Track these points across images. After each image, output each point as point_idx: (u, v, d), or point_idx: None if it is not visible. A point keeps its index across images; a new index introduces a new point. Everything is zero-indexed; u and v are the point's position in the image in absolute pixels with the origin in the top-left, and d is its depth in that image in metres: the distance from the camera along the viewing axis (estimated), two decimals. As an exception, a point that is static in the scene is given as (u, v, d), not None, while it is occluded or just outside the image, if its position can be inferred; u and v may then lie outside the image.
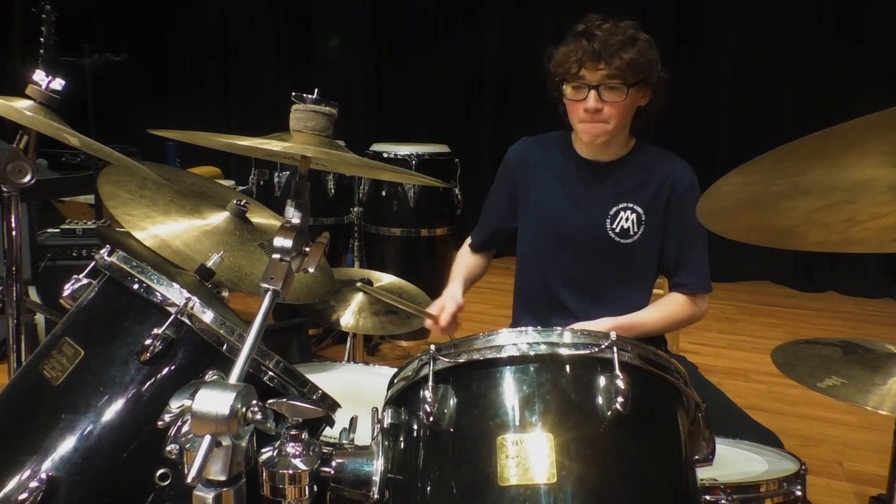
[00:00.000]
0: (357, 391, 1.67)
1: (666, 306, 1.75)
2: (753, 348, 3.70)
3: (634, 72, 1.61)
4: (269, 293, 0.92)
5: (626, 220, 1.72)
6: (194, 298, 1.04)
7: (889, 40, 4.62)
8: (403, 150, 3.14)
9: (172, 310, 1.03)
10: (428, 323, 1.76)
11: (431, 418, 0.92)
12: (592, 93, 1.63)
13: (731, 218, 0.93)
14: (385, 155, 3.15)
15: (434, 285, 3.21)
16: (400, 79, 6.05)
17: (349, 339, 2.34)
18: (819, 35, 4.83)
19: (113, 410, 1.01)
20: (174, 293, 1.05)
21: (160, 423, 0.82)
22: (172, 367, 1.03)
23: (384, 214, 3.18)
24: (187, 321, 1.03)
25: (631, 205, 1.72)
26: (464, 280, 1.91)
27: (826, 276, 4.95)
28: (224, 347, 1.03)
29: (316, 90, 0.98)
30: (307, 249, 0.96)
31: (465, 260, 1.99)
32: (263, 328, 0.90)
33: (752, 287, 5.06)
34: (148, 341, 1.01)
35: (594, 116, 1.65)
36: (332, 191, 3.19)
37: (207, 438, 0.76)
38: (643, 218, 1.72)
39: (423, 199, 3.13)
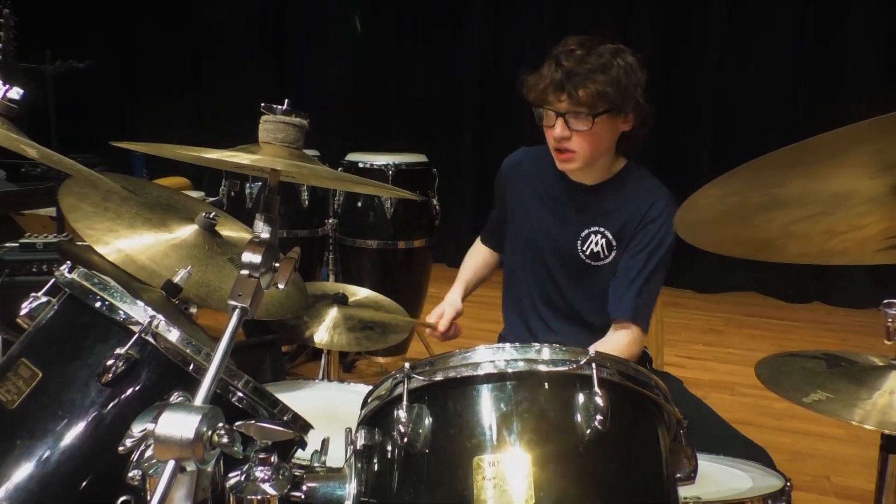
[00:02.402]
0: (331, 410, 1.66)
1: (614, 338, 1.71)
2: (740, 361, 3.74)
3: (603, 101, 1.61)
4: (237, 311, 0.91)
5: (596, 244, 1.75)
6: (159, 316, 1.03)
7: (873, 45, 4.72)
8: (380, 159, 3.14)
9: (136, 328, 1.02)
10: (428, 331, 1.83)
11: (406, 439, 0.92)
12: (559, 120, 1.65)
13: (710, 230, 0.95)
14: (361, 165, 3.16)
15: (412, 299, 3.25)
16: (377, 86, 6.06)
17: (324, 355, 2.33)
18: (803, 42, 4.92)
19: (72, 435, 0.99)
20: (138, 311, 1.04)
21: (121, 448, 0.81)
22: (135, 389, 1.02)
23: (360, 226, 3.18)
24: (152, 340, 1.02)
25: (601, 229, 1.76)
26: (466, 283, 1.99)
27: (813, 287, 5.01)
28: (190, 367, 1.02)
29: (286, 101, 0.98)
30: (277, 265, 0.95)
31: (472, 260, 2.06)
32: (231, 347, 0.89)
33: (738, 298, 5.12)
34: (110, 362, 0.99)
35: (563, 144, 1.67)
36: (306, 202, 3.19)
37: (171, 464, 0.76)
38: (613, 244, 1.75)
39: (401, 210, 3.13)
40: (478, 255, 2.07)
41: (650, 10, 5.22)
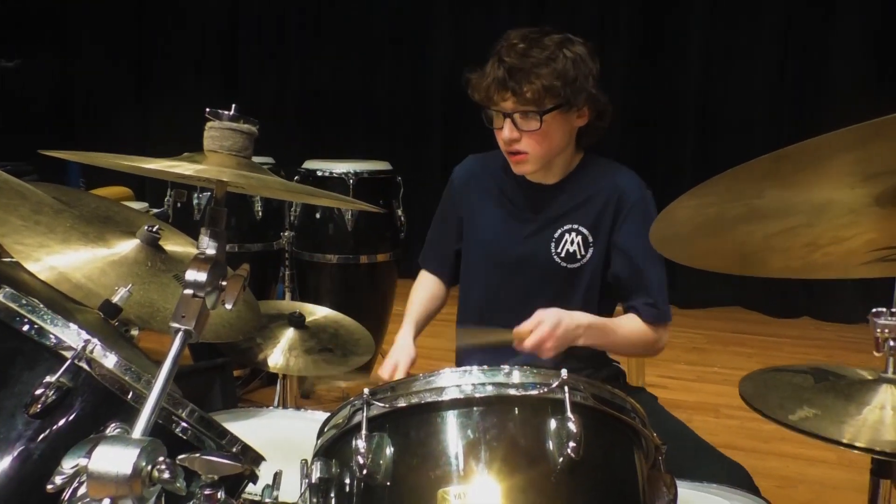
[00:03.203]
0: (287, 440, 1.64)
1: (635, 324, 1.73)
2: (725, 381, 3.79)
3: (551, 95, 1.61)
4: (180, 334, 0.90)
5: (572, 242, 1.74)
6: (95, 340, 1.01)
7: (860, 47, 4.86)
8: (340, 167, 3.13)
9: (68, 354, 1.00)
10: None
11: (365, 470, 0.92)
12: (507, 122, 1.65)
13: (687, 243, 0.97)
14: (319, 173, 3.14)
15: (376, 318, 3.24)
16: (339, 90, 6.06)
17: (279, 380, 2.31)
18: (789, 42, 5.04)
19: (-3, 472, 0.97)
20: (71, 335, 1.02)
21: (50, 486, 0.80)
22: (68, 421, 1.00)
23: (319, 239, 3.17)
24: (86, 367, 1.00)
25: (575, 225, 1.75)
26: (416, 322, 1.92)
27: (801, 301, 5.11)
28: (129, 396, 1.01)
29: (233, 106, 0.98)
30: (224, 283, 0.95)
31: (419, 294, 1.99)
32: (173, 373, 0.88)
33: (723, 314, 5.20)
34: (39, 391, 0.97)
35: (514, 146, 1.67)
36: (260, 213, 3.16)
37: (106, 502, 0.74)
38: (590, 240, 1.74)
39: (363, 221, 3.13)
40: (426, 289, 2.00)
41: (627, 11, 5.30)
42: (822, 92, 4.95)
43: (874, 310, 1.10)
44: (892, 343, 1.09)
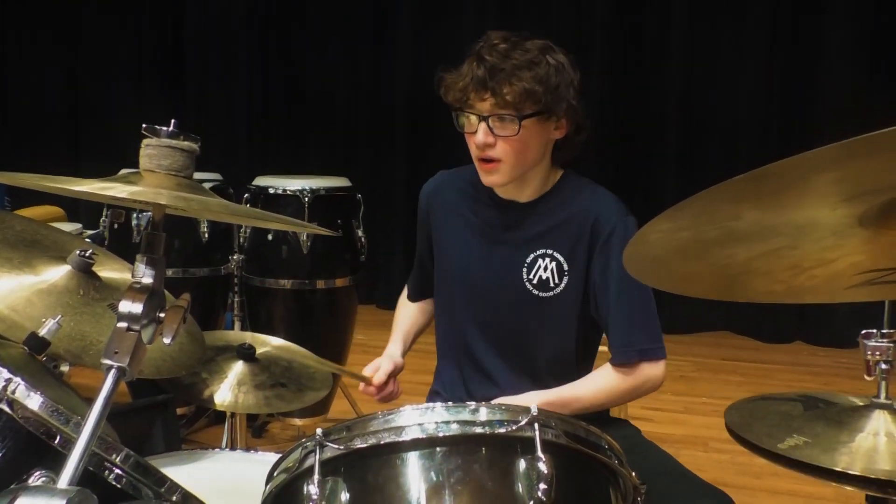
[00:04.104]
0: (235, 486, 1.62)
1: (602, 377, 1.75)
2: (714, 411, 3.82)
3: (531, 101, 1.63)
4: (113, 371, 0.90)
5: (545, 269, 1.74)
6: (17, 379, 1.00)
7: (851, 50, 4.99)
8: (294, 184, 3.13)
9: (-12, 395, 0.99)
10: (362, 387, 1.81)
11: (318, 519, 0.91)
12: (482, 125, 1.66)
13: (663, 268, 0.98)
14: (271, 191, 3.14)
15: (335, 349, 3.23)
16: (293, 100, 6.06)
17: (228, 419, 2.29)
18: (775, 49, 5.17)
19: None
20: (-10, 373, 1.01)
21: (-35, 544, 0.78)
22: (-13, 469, 0.98)
23: (271, 263, 3.15)
24: (6, 409, 0.99)
25: (549, 251, 1.75)
26: (404, 335, 1.97)
27: (793, 325, 5.19)
28: (56, 441, 1.00)
29: (172, 121, 0.98)
30: (162, 315, 0.94)
31: (404, 312, 2.05)
32: (105, 414, 0.88)
33: (711, 339, 5.26)
34: (-46, 437, 0.96)
35: (487, 152, 1.68)
36: (206, 234, 3.13)
37: (28, 561, 0.73)
38: (565, 268, 1.74)
39: (320, 243, 3.12)
40: (409, 306, 2.06)
41: (602, 11, 5.40)
42: (812, 99, 5.08)
43: (864, 331, 1.12)
44: (883, 366, 1.12)
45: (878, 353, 1.11)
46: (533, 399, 1.62)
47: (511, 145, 1.66)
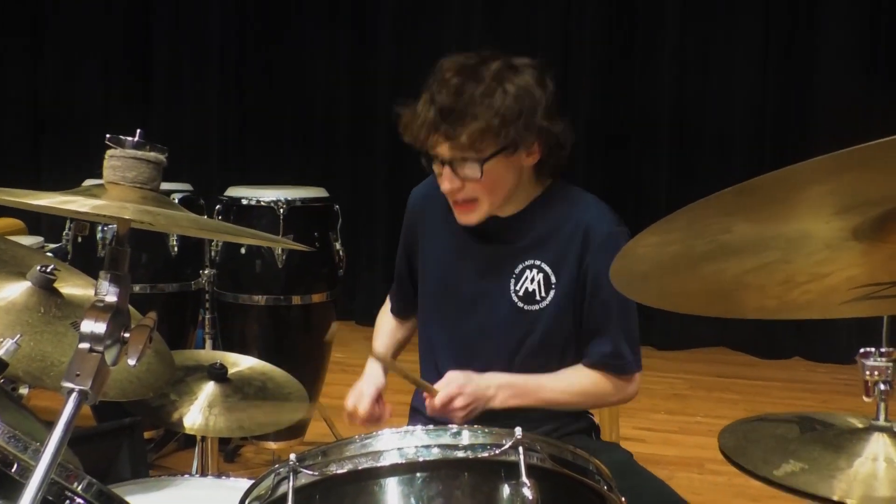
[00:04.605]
0: (205, 514, 1.62)
1: (574, 375, 1.77)
2: (709, 431, 3.83)
3: (492, 140, 1.59)
4: (74, 395, 0.89)
5: (532, 280, 1.74)
6: (-28, 404, 1.00)
7: (846, 54, 5.06)
8: (269, 194, 3.13)
9: (-60, 421, 0.98)
10: (346, 417, 1.80)
11: (291, 550, 0.91)
12: (446, 169, 1.65)
13: (651, 284, 0.99)
14: (245, 202, 3.13)
15: (312, 369, 3.21)
16: (267, 105, 6.05)
17: (198, 443, 2.28)
18: (770, 52, 5.23)
19: None
20: (-56, 398, 1.00)
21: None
22: (-61, 500, 0.97)
23: (244, 278, 3.14)
24: (-39, 435, 0.98)
25: (537, 262, 1.75)
26: (385, 348, 1.97)
27: (790, 341, 5.22)
28: (13, 469, 0.99)
29: (139, 131, 0.98)
30: (126, 335, 0.94)
31: (386, 320, 2.05)
32: (66, 441, 0.87)
33: (706, 355, 5.28)
34: None
35: (458, 195, 1.67)
36: (175, 248, 3.12)
37: None
38: (552, 281, 1.74)
39: (296, 257, 3.11)
40: (391, 318, 2.07)
41: (592, 11, 5.43)
42: (808, 102, 5.15)
43: (861, 350, 1.12)
44: (882, 386, 1.11)
45: (876, 372, 1.10)
46: (494, 377, 1.67)
47: (481, 185, 1.64)
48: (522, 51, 1.73)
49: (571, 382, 1.76)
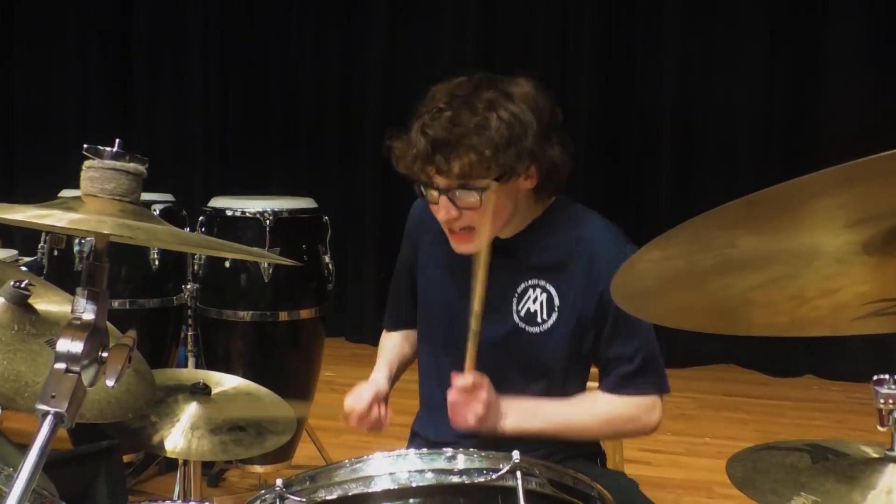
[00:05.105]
0: (186, 542, 1.62)
1: (587, 402, 1.78)
2: (718, 453, 3.82)
3: (485, 170, 1.61)
4: (49, 418, 0.89)
5: (535, 300, 1.75)
6: (-58, 427, 1.00)
7: (853, 57, 5.10)
8: (254, 205, 3.13)
9: None
10: (342, 419, 1.79)
11: (278, 580, 0.91)
12: (443, 199, 1.66)
13: (655, 300, 0.99)
14: (229, 213, 3.13)
15: (300, 387, 3.21)
16: (254, 114, 6.06)
17: (180, 467, 2.28)
18: (775, 58, 5.26)
19: None
20: (-87, 421, 1.00)
21: None
22: None
23: (229, 293, 3.14)
24: (-70, 460, 0.98)
25: (541, 282, 1.76)
26: (389, 364, 1.96)
27: (802, 358, 5.23)
28: (-15, 495, 0.99)
29: (118, 141, 0.98)
30: (105, 355, 0.94)
31: (389, 342, 2.05)
32: (40, 465, 0.87)
33: (715, 373, 5.29)
34: None
35: (454, 224, 1.69)
36: (156, 262, 3.12)
37: None
38: (555, 302, 1.75)
39: (283, 271, 3.11)
40: (393, 336, 2.07)
41: (590, 11, 5.46)
42: (814, 108, 5.18)
43: (875, 377, 1.11)
44: (898, 415, 1.11)
45: (891, 401, 1.08)
46: (508, 402, 1.68)
47: (478, 213, 1.66)
48: (519, 53, 1.73)
49: (588, 410, 1.77)
